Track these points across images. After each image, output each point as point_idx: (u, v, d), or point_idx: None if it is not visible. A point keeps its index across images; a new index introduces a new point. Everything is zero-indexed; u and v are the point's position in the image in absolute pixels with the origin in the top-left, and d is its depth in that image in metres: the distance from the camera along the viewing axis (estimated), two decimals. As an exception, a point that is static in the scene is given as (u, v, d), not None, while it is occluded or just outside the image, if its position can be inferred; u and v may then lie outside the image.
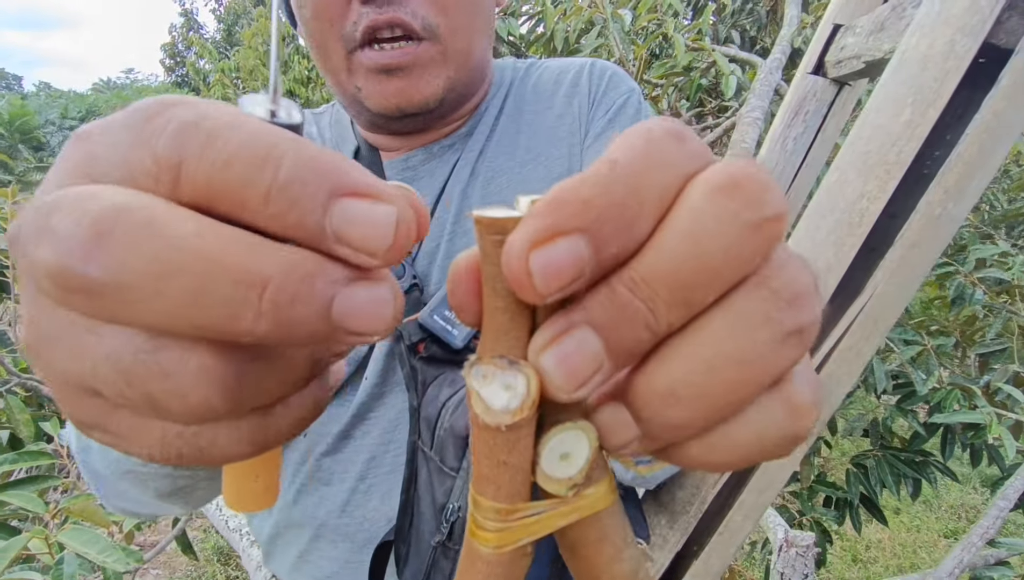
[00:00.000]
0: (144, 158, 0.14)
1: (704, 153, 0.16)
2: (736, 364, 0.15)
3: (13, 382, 1.56)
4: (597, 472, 0.19)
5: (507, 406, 0.16)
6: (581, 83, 0.60)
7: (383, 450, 0.55)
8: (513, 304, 0.16)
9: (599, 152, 0.56)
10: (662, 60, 1.88)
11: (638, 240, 0.15)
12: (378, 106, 0.52)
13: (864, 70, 0.66)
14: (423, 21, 0.50)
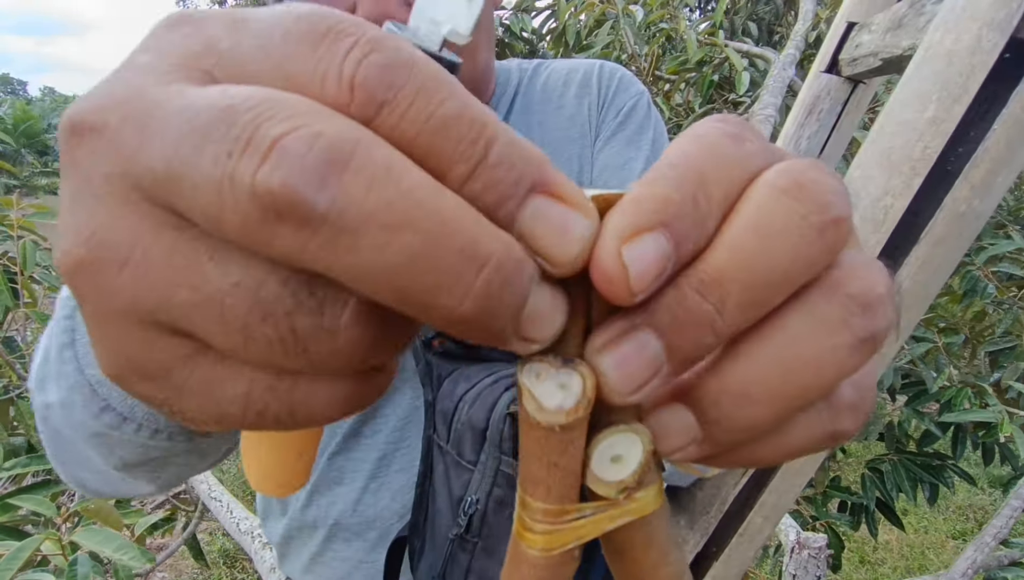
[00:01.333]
0: (326, 82, 0.12)
1: (765, 152, 0.15)
2: (813, 367, 0.15)
3: (25, 388, 1.57)
4: (649, 476, 0.18)
5: (561, 406, 0.16)
6: (591, 85, 0.60)
7: (393, 447, 0.55)
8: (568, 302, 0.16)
9: (611, 154, 0.57)
10: (674, 55, 1.88)
11: (708, 238, 0.14)
12: None
13: (881, 67, 0.65)
14: None
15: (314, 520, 0.56)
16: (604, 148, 0.57)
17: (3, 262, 1.33)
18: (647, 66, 1.88)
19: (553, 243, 0.13)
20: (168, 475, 0.40)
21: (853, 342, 0.14)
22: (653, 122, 0.59)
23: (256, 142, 0.11)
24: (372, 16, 0.47)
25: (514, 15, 2.08)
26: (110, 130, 0.12)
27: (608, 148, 0.57)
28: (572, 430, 0.16)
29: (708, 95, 1.86)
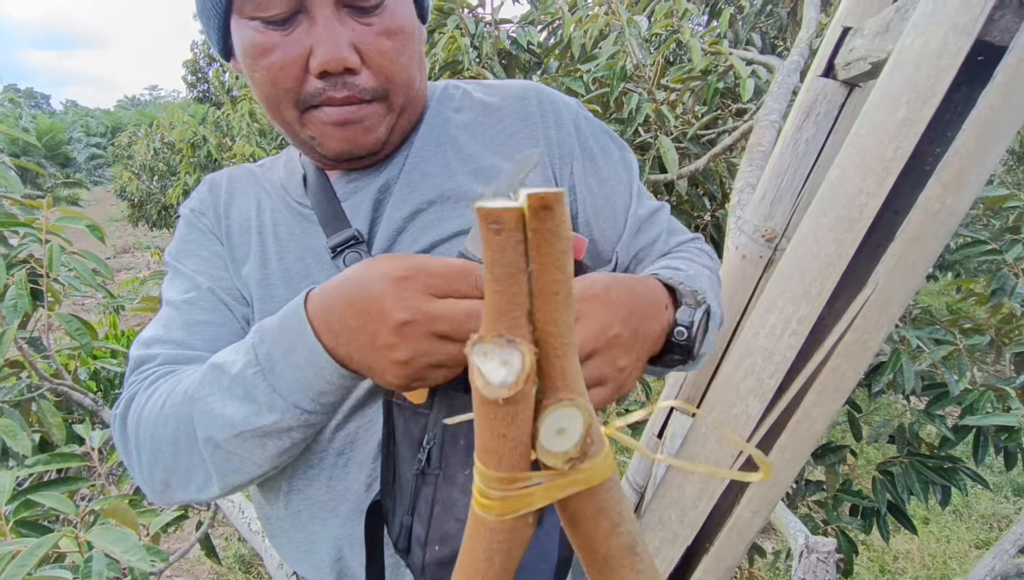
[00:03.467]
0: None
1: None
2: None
3: (45, 387, 1.61)
4: (593, 448, 0.20)
5: (504, 380, 0.17)
6: (530, 109, 0.65)
7: (356, 427, 0.58)
8: (512, 287, 0.18)
9: (590, 172, 0.63)
10: (679, 64, 1.89)
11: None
12: (331, 151, 0.59)
13: (871, 71, 0.67)
14: (372, 91, 0.56)
15: (298, 507, 0.59)
16: (581, 171, 0.63)
17: (29, 265, 1.38)
18: (653, 75, 1.89)
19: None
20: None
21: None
22: (597, 124, 0.67)
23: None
24: (331, 99, 0.55)
25: (520, 28, 2.11)
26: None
27: (584, 167, 0.63)
28: (517, 403, 0.18)
29: (713, 103, 1.87)
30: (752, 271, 0.95)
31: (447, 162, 0.62)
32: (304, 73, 0.55)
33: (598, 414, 0.24)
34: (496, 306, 0.18)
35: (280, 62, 0.54)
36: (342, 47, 0.53)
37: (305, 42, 0.54)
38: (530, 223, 0.17)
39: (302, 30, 0.54)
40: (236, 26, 0.57)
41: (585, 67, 1.91)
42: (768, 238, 0.93)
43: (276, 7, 0.53)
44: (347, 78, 0.55)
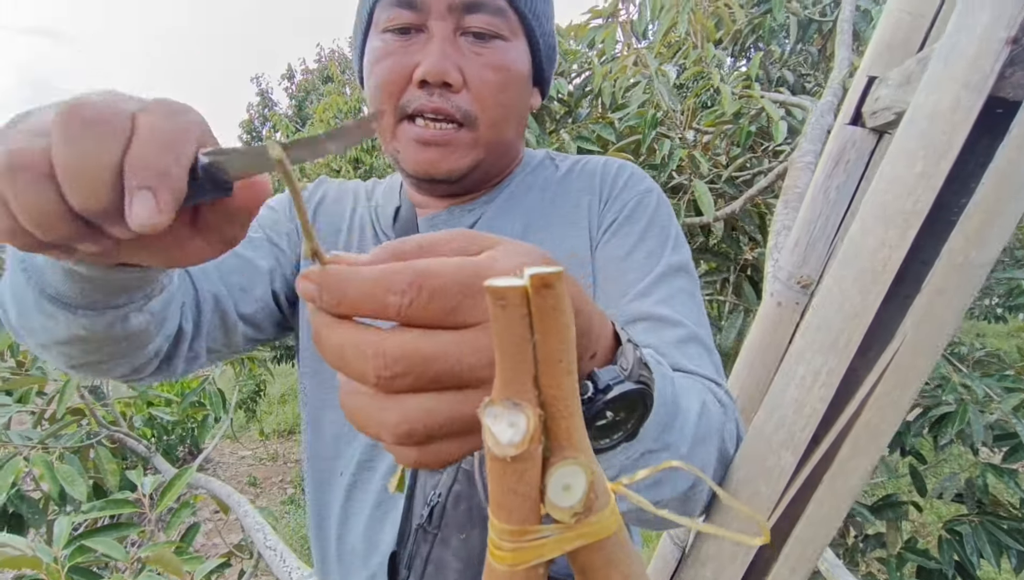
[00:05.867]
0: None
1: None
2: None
3: (103, 434, 1.69)
4: (598, 503, 0.21)
5: (512, 440, 0.19)
6: (595, 182, 0.67)
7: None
8: (517, 355, 0.20)
9: (615, 245, 0.62)
10: (711, 109, 1.92)
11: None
12: (411, 169, 0.62)
13: (896, 121, 0.67)
14: (464, 113, 0.59)
15: (339, 553, 0.61)
16: (610, 240, 0.63)
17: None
18: (684, 121, 1.93)
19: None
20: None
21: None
22: (660, 218, 0.64)
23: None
24: (423, 108, 0.58)
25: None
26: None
27: (613, 240, 0.63)
28: (524, 461, 0.20)
29: (747, 145, 1.88)
30: (789, 318, 0.93)
31: (515, 232, 0.64)
32: (407, 83, 0.59)
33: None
34: (505, 372, 0.20)
35: (390, 67, 0.59)
36: (447, 62, 0.57)
37: (418, 55, 0.58)
38: (533, 299, 0.19)
39: (419, 44, 0.59)
40: (369, 41, 0.63)
41: (616, 115, 1.96)
42: (804, 285, 0.92)
43: (402, 19, 0.59)
44: (444, 92, 0.58)
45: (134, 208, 0.26)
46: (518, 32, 0.62)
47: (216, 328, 0.60)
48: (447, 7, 0.58)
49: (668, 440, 0.42)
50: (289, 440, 4.88)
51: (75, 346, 0.46)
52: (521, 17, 0.62)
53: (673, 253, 0.62)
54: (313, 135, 0.26)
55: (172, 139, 0.27)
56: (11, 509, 1.52)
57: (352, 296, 0.24)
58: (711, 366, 0.55)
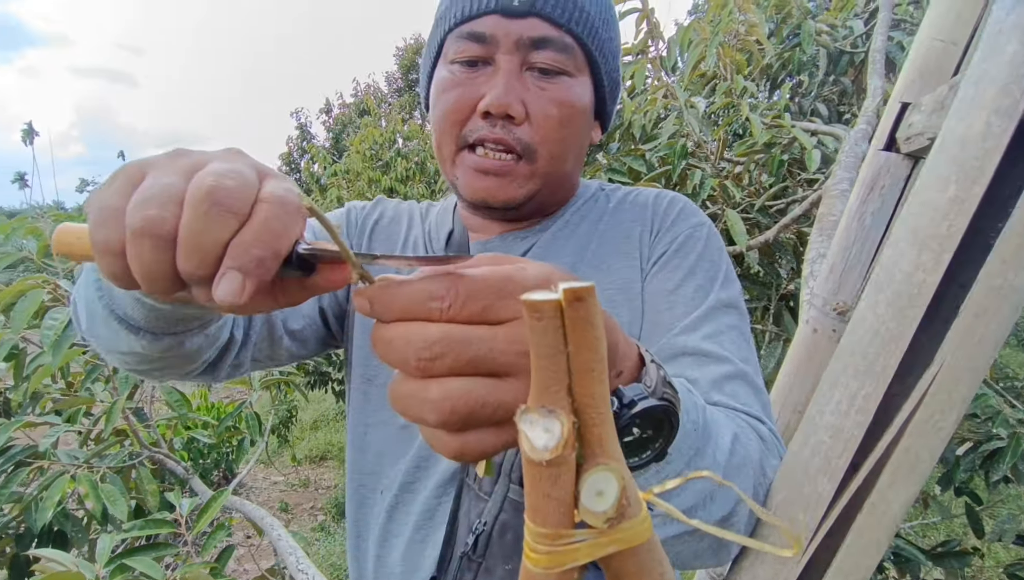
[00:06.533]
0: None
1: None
2: None
3: (144, 455, 1.74)
4: (630, 510, 0.22)
5: (547, 445, 0.20)
6: (647, 214, 0.68)
7: (436, 502, 0.60)
8: (552, 365, 0.21)
9: (663, 278, 0.62)
10: (743, 139, 1.92)
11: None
12: (468, 196, 0.64)
13: (930, 146, 0.67)
14: (524, 145, 0.61)
15: (376, 573, 0.62)
16: (658, 272, 0.63)
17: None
18: (715, 151, 1.93)
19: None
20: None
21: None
22: (711, 253, 0.64)
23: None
24: (484, 137, 0.61)
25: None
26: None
27: (662, 273, 0.63)
28: (559, 466, 0.21)
29: (779, 174, 1.88)
30: (825, 345, 0.92)
31: (567, 261, 0.66)
32: (471, 112, 0.61)
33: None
34: (540, 381, 0.21)
35: (456, 97, 0.62)
36: (510, 95, 0.59)
37: (483, 87, 0.61)
38: (566, 312, 0.20)
39: (485, 76, 0.61)
40: (437, 71, 0.66)
41: (647, 147, 1.98)
42: (840, 312, 0.90)
43: (471, 52, 0.61)
44: (506, 123, 0.60)
45: (222, 284, 0.28)
46: (583, 68, 0.64)
47: (263, 340, 0.63)
48: (515, 43, 0.60)
49: (699, 466, 0.42)
50: (320, 466, 4.92)
51: (133, 357, 0.50)
52: (587, 54, 0.63)
53: (722, 289, 0.61)
54: (388, 254, 0.31)
55: (277, 232, 0.29)
56: (56, 527, 1.57)
57: (400, 304, 0.27)
58: (757, 404, 0.55)
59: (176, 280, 0.30)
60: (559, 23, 0.61)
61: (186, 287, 0.31)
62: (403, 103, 11.75)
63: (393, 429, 0.66)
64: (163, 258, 0.29)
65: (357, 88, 12.61)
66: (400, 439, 0.65)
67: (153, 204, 0.29)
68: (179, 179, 0.30)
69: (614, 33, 0.68)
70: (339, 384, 4.80)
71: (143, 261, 0.29)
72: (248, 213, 0.29)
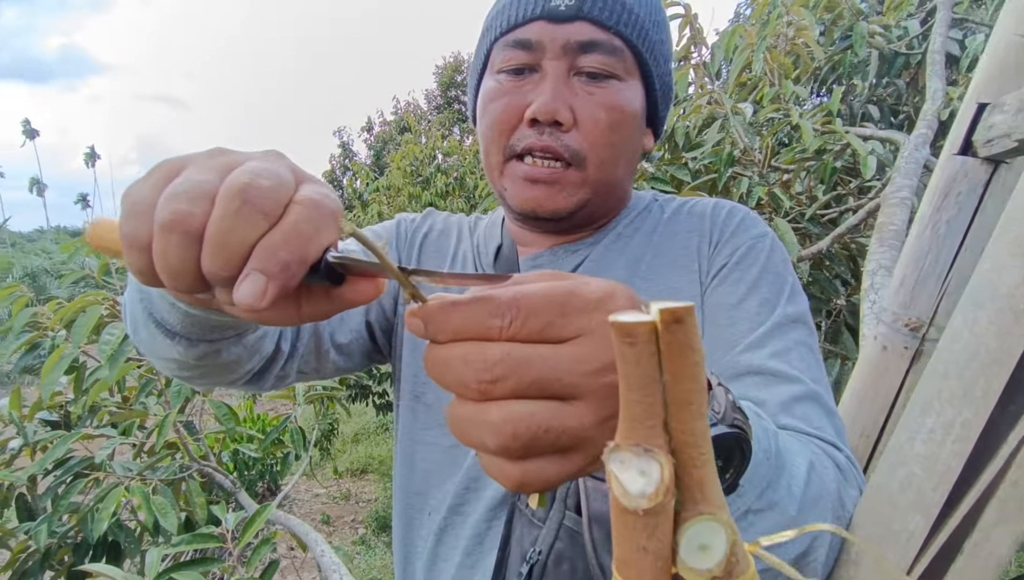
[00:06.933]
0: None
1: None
2: None
3: (194, 468, 1.78)
4: (738, 567, 0.19)
5: (643, 491, 0.17)
6: (705, 224, 0.64)
7: (487, 526, 0.58)
8: (647, 397, 0.18)
9: (725, 293, 0.59)
10: (791, 145, 1.85)
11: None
12: (517, 206, 0.62)
13: (1018, 148, 0.62)
14: (572, 152, 0.59)
15: None
16: (720, 285, 0.60)
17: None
18: (762, 158, 1.87)
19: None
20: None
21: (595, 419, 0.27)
22: (775, 265, 0.60)
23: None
24: (532, 146, 0.59)
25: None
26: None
27: (723, 286, 0.59)
28: (657, 515, 0.18)
29: (831, 182, 1.80)
30: (896, 364, 0.86)
31: (621, 275, 0.63)
32: (518, 121, 0.60)
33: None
34: (632, 415, 0.19)
35: (503, 106, 0.60)
36: (558, 101, 0.58)
37: (530, 95, 0.59)
38: (662, 336, 0.18)
39: (532, 84, 0.60)
40: (484, 81, 0.64)
41: (690, 155, 1.93)
42: (912, 327, 0.84)
43: (517, 60, 0.60)
44: (554, 130, 0.58)
45: (242, 286, 0.27)
46: (634, 72, 0.61)
47: (310, 353, 0.62)
48: (562, 47, 0.58)
49: (773, 498, 0.39)
50: (361, 479, 4.95)
51: (172, 363, 0.50)
52: (637, 56, 0.61)
53: (789, 303, 0.58)
54: (435, 271, 0.29)
55: (307, 236, 0.28)
56: (110, 538, 1.60)
57: (456, 323, 0.26)
58: (830, 428, 0.50)
59: (200, 279, 0.29)
60: (607, 25, 0.59)
61: (210, 288, 0.30)
62: (442, 120, 11.92)
63: (441, 449, 0.64)
64: (188, 255, 0.28)
65: (397, 106, 12.89)
66: (448, 459, 0.63)
67: (184, 198, 0.28)
68: (214, 176, 0.29)
69: (665, 36, 0.65)
70: (379, 397, 4.84)
71: (168, 257, 0.28)
72: (280, 215, 0.28)
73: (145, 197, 0.29)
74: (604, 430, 0.26)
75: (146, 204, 0.29)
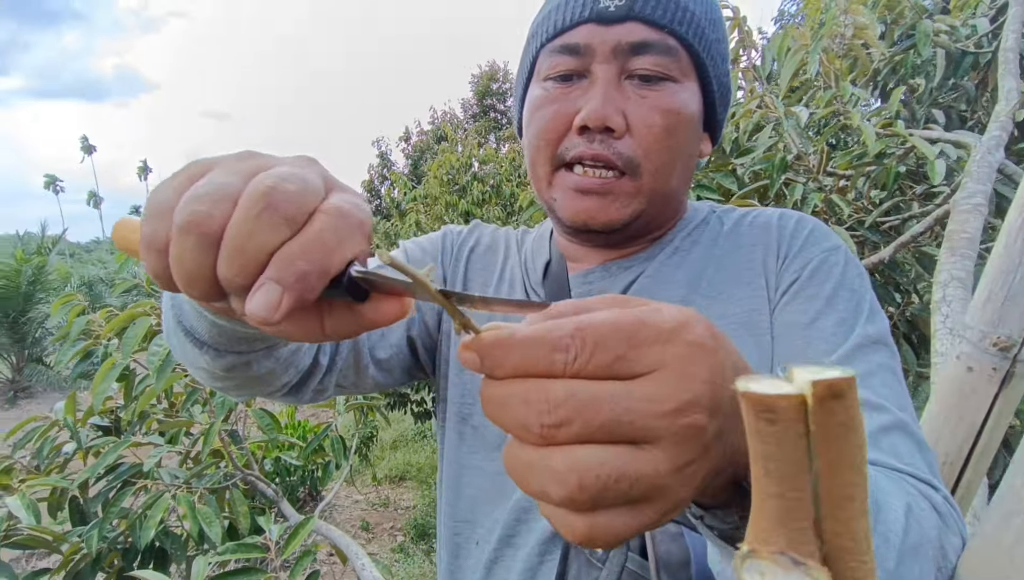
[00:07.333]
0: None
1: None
2: None
3: (238, 477, 1.79)
4: None
5: None
6: (771, 236, 0.60)
7: (539, 561, 0.55)
8: (793, 490, 0.14)
9: (797, 311, 0.54)
10: (847, 150, 1.76)
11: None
12: (568, 218, 0.58)
13: None
14: (625, 160, 0.55)
15: None
16: (790, 302, 0.55)
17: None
18: (817, 164, 1.78)
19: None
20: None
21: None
22: (850, 280, 0.55)
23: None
24: (582, 155, 0.56)
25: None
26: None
27: (794, 304, 0.55)
28: None
29: (893, 187, 1.70)
30: (984, 386, 0.78)
31: (679, 294, 0.59)
32: (567, 129, 0.57)
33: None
34: (773, 513, 0.15)
35: (550, 114, 0.57)
36: (608, 106, 0.54)
37: (579, 101, 0.56)
38: (815, 415, 0.14)
39: (581, 90, 0.57)
40: (530, 91, 0.62)
41: (739, 161, 1.85)
42: (1002, 347, 0.77)
43: (564, 65, 0.57)
44: (605, 137, 0.55)
45: (256, 296, 0.26)
46: (690, 72, 0.58)
47: (349, 367, 0.61)
48: (612, 50, 0.55)
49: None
50: (400, 487, 4.97)
51: (203, 373, 0.49)
52: (693, 56, 0.57)
53: (869, 322, 0.53)
54: (481, 296, 0.27)
55: (329, 247, 0.26)
56: (158, 544, 1.63)
57: (515, 358, 0.24)
58: (923, 463, 0.45)
59: (215, 286, 0.27)
60: (660, 24, 0.55)
61: (226, 296, 0.28)
62: (478, 128, 11.99)
63: (488, 474, 0.61)
64: (204, 260, 0.26)
65: (434, 116, 13.03)
66: (496, 486, 0.60)
67: (205, 200, 0.26)
68: (239, 179, 0.27)
69: (722, 34, 0.61)
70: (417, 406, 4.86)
71: (183, 260, 0.27)
72: (303, 222, 0.26)
73: (167, 199, 0.28)
74: (681, 478, 0.23)
75: (167, 206, 0.27)
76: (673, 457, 0.23)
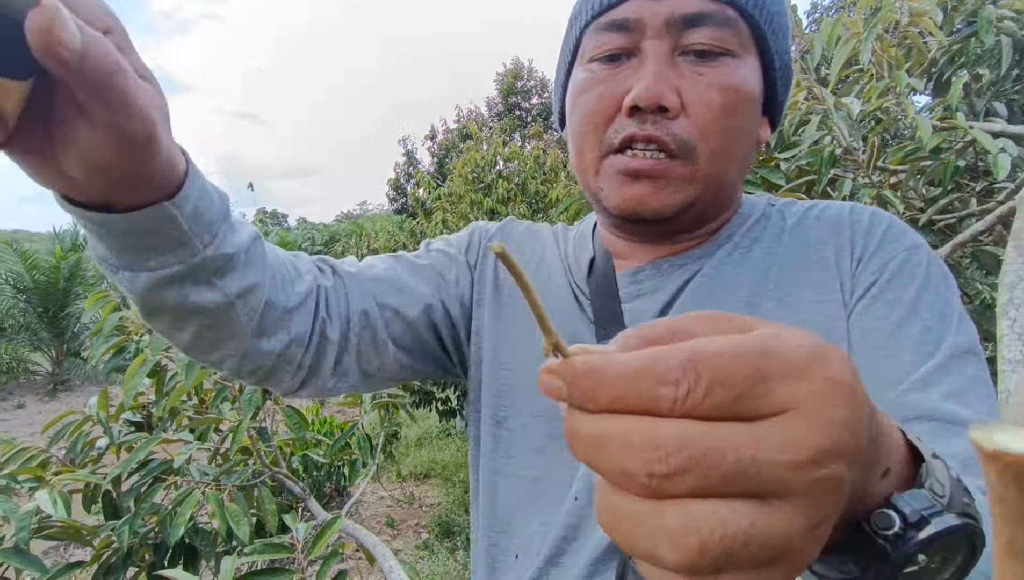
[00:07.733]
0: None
1: None
2: None
3: (266, 474, 1.78)
4: None
5: None
6: (843, 233, 0.54)
7: None
8: None
9: (878, 317, 0.48)
10: (900, 144, 1.67)
11: None
12: (616, 206, 0.54)
13: None
14: (680, 142, 0.51)
15: None
16: (869, 308, 0.50)
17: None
18: (867, 159, 1.69)
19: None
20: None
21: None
22: (935, 283, 0.50)
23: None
24: (633, 136, 0.51)
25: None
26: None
27: (874, 308, 0.49)
28: None
29: (950, 183, 1.60)
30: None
31: (740, 298, 0.54)
32: (616, 112, 0.52)
33: None
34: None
35: (597, 96, 0.53)
36: (661, 84, 0.50)
37: (629, 80, 0.51)
38: None
39: (630, 69, 0.52)
40: (573, 75, 0.57)
41: (783, 156, 1.77)
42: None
43: (612, 44, 0.53)
44: (658, 118, 0.50)
45: None
46: (750, 47, 0.53)
47: (368, 346, 0.59)
48: (664, 23, 0.50)
49: None
50: (424, 483, 4.98)
51: (155, 319, 0.46)
52: (754, 29, 0.52)
53: (959, 330, 0.47)
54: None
55: None
56: (187, 540, 1.63)
57: (612, 391, 0.20)
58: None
59: None
60: None
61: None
62: (503, 126, 11.96)
63: (525, 479, 0.57)
64: None
65: (460, 114, 13.04)
66: (532, 495, 0.56)
67: None
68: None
69: (783, 7, 0.55)
70: (442, 403, 4.85)
71: None
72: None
73: None
74: (813, 538, 0.20)
75: None
76: (807, 515, 0.20)
